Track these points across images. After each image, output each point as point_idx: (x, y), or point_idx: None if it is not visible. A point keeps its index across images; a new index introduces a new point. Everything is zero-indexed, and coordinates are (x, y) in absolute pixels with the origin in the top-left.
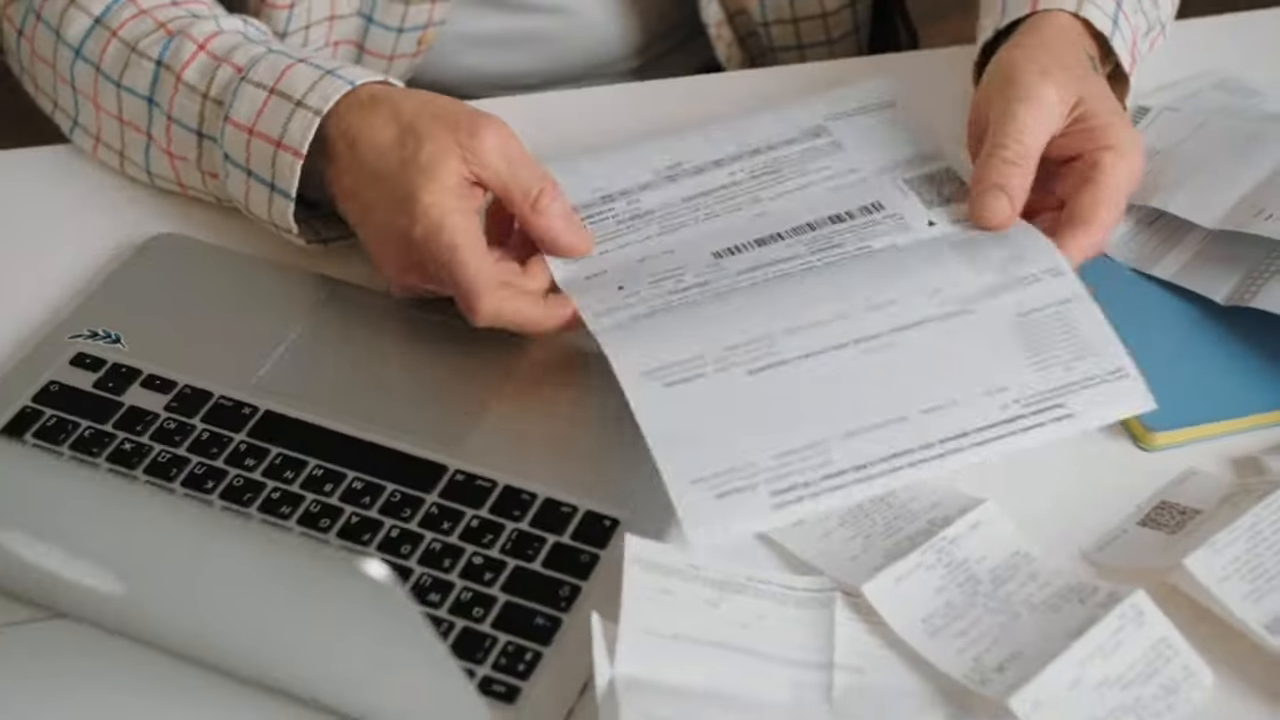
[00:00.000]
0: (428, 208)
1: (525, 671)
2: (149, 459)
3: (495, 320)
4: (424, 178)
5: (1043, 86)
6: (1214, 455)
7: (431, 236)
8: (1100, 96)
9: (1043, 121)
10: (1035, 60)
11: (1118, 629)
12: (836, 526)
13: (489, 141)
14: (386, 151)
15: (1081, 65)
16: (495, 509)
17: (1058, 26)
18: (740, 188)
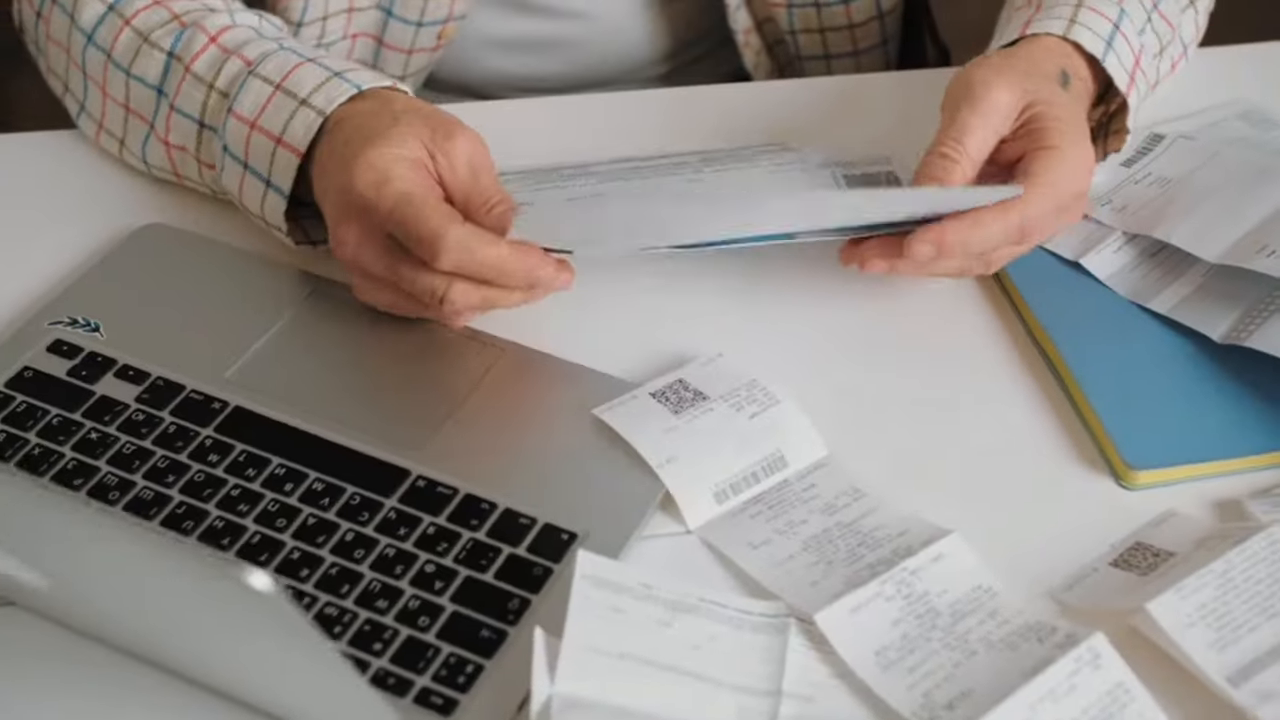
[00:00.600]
0: (374, 164)
1: (465, 684)
2: (114, 450)
3: (463, 255)
4: (382, 141)
5: (990, 89)
6: (1197, 497)
7: (379, 188)
8: (1054, 103)
9: (988, 122)
10: (992, 68)
11: (1073, 671)
12: (799, 551)
13: (460, 147)
14: (361, 125)
15: (1044, 75)
16: (453, 517)
17: (1040, 46)
18: (686, 165)
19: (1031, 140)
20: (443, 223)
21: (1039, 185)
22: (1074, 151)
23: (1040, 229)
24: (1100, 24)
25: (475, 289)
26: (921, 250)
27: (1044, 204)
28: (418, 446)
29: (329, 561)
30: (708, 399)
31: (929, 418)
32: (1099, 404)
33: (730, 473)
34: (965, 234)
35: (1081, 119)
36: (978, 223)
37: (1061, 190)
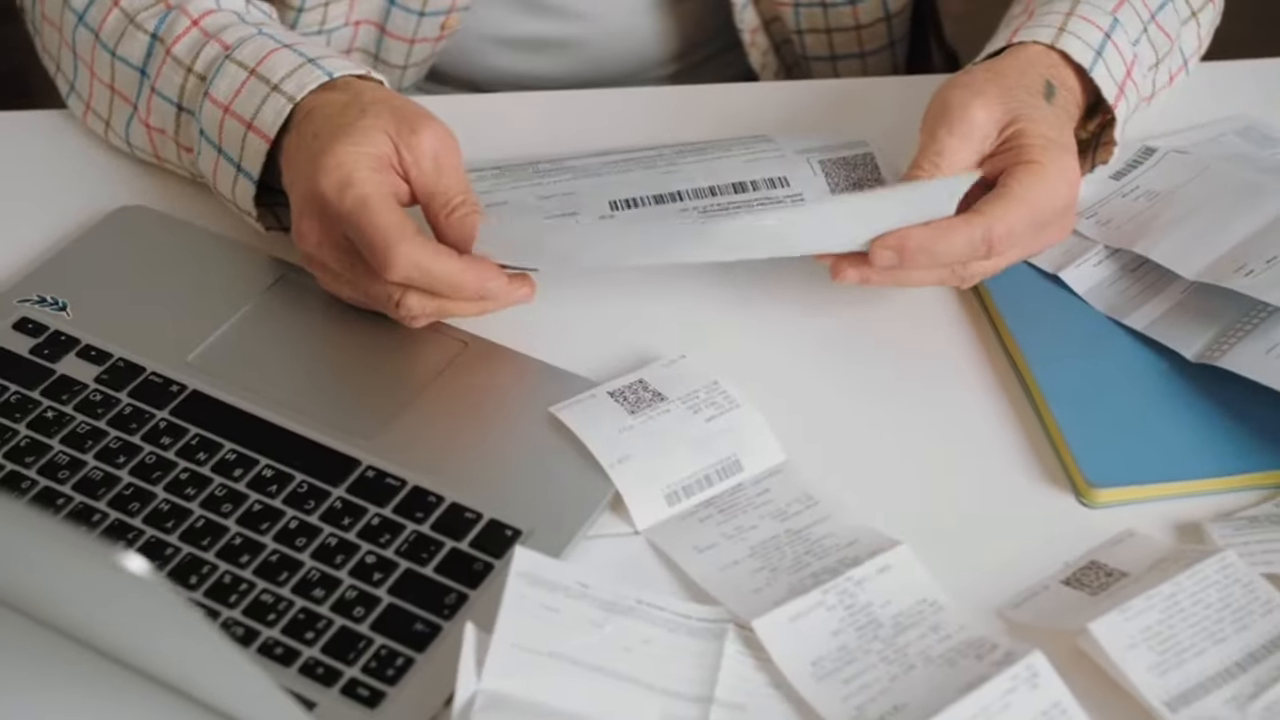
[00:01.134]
0: (340, 162)
1: (394, 677)
2: (68, 429)
3: (413, 271)
4: (347, 139)
5: (970, 108)
6: (1158, 518)
7: (340, 190)
8: (1038, 120)
9: (967, 143)
10: (973, 84)
11: (1009, 689)
12: (745, 557)
13: (426, 141)
14: (330, 118)
15: (1028, 89)
16: (399, 508)
17: (1025, 56)
18: (662, 158)
19: (1013, 156)
20: (394, 237)
21: (1010, 199)
22: (1055, 168)
23: (1012, 244)
24: (1091, 33)
25: (429, 299)
26: (882, 256)
27: (1014, 218)
28: (371, 436)
29: (270, 548)
30: (666, 400)
31: (892, 427)
32: (1063, 419)
33: (683, 475)
34: (929, 242)
35: (1066, 133)
36: (941, 232)
37: (1039, 206)
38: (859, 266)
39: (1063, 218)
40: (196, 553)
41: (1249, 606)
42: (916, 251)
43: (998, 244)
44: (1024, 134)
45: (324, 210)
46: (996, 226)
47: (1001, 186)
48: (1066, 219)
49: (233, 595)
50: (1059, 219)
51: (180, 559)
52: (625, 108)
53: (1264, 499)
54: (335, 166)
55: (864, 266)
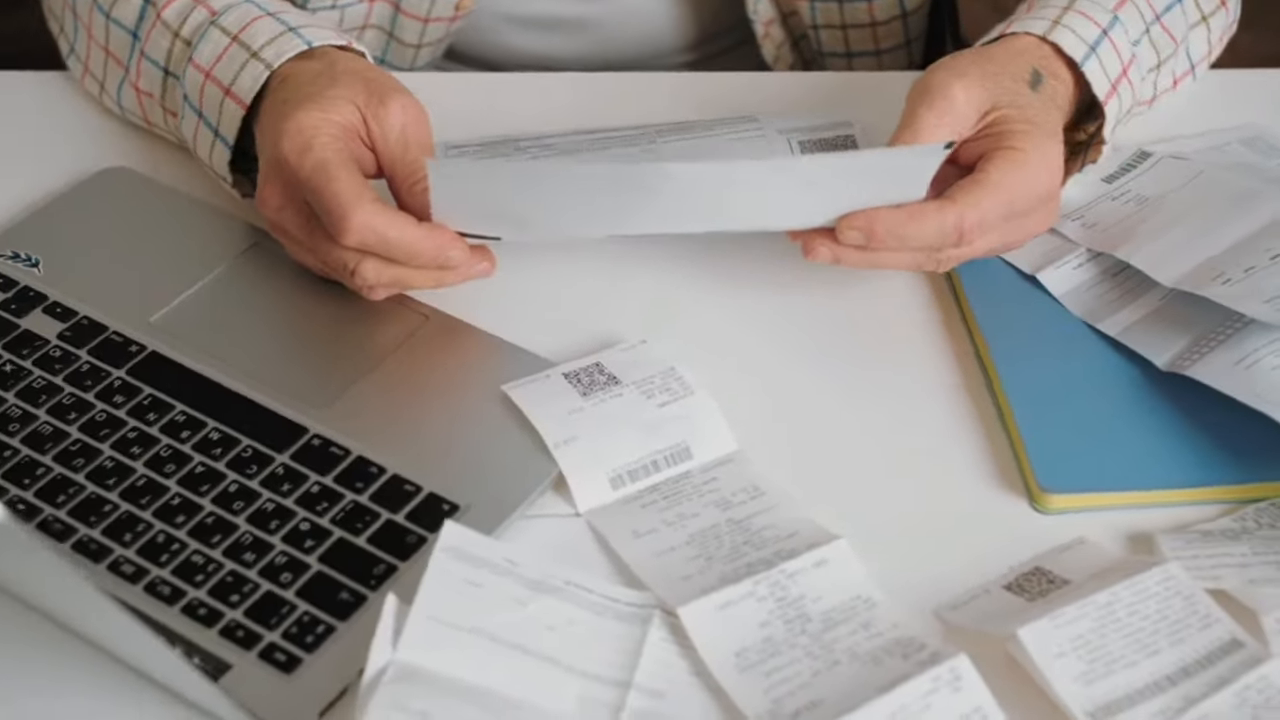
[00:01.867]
0: (302, 128)
1: (313, 644)
2: (24, 383)
3: (368, 236)
4: (313, 105)
5: (951, 88)
6: (1111, 527)
7: (300, 155)
8: (1022, 106)
9: (944, 121)
10: (957, 67)
11: (929, 691)
12: (682, 544)
13: (394, 114)
14: (301, 86)
15: (1014, 76)
16: (340, 478)
17: (1015, 45)
18: (644, 134)
19: (992, 141)
20: (350, 200)
21: (986, 186)
22: (1036, 155)
23: (986, 231)
24: (1087, 29)
25: (386, 266)
26: (849, 235)
27: (987, 205)
28: (322, 405)
29: (207, 510)
30: (620, 384)
31: (850, 421)
32: (1024, 422)
33: (629, 459)
34: (898, 225)
35: (1051, 121)
36: (912, 216)
37: (1016, 194)
38: (831, 244)
39: (1043, 206)
40: (134, 510)
41: (1187, 620)
42: (885, 234)
43: (969, 232)
44: (1005, 119)
45: (285, 175)
46: (969, 214)
47: (979, 172)
48: (1048, 208)
49: (164, 554)
50: (1039, 207)
51: (117, 515)
52: (640, 91)
53: (1223, 513)
54: (297, 132)
55: (836, 244)
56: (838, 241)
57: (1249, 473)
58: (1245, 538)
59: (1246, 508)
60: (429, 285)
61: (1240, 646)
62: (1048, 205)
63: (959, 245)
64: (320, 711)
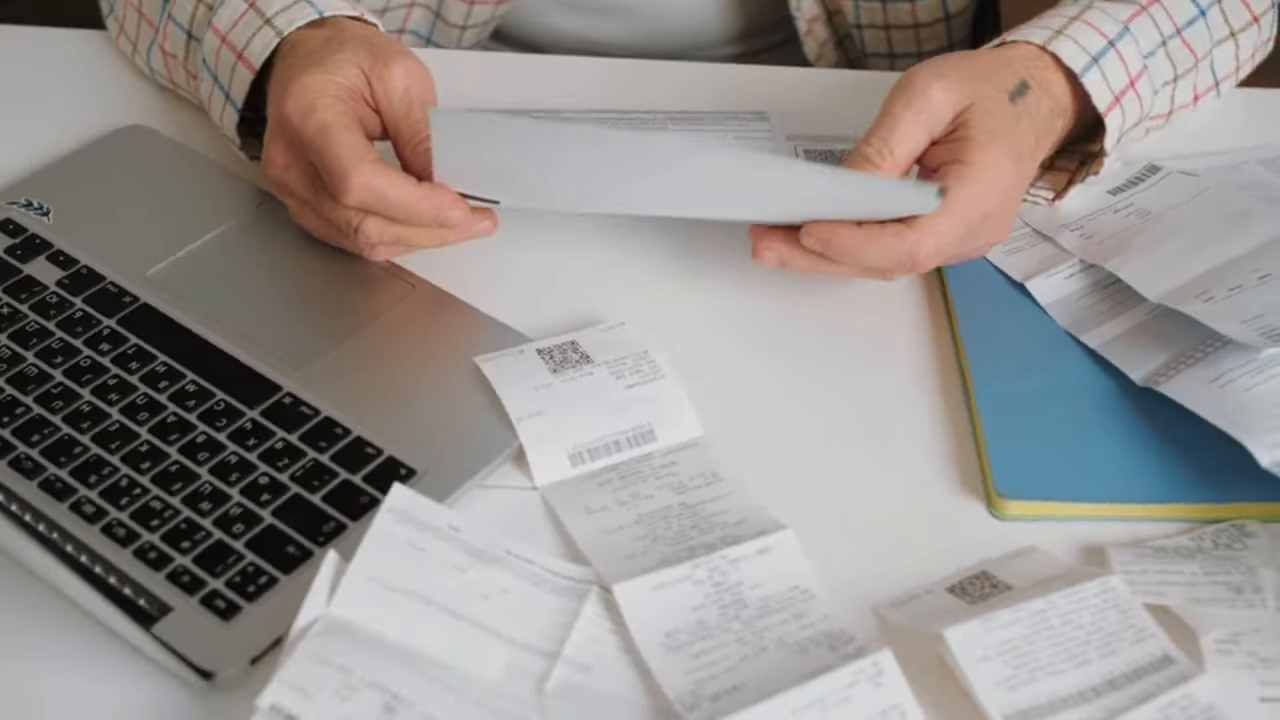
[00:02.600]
0: (306, 89)
1: (254, 594)
2: (18, 325)
3: (368, 195)
4: (318, 68)
5: (930, 87)
6: (1065, 538)
7: (304, 115)
8: (989, 113)
9: (920, 121)
10: (940, 67)
11: (849, 684)
12: (631, 524)
13: (397, 75)
14: (309, 51)
15: (995, 84)
16: (305, 436)
17: (1009, 54)
18: (655, 120)
19: (952, 151)
20: (352, 161)
21: (943, 211)
22: (991, 169)
23: (939, 256)
24: (1091, 39)
25: (388, 225)
26: (809, 243)
27: (942, 231)
28: (299, 366)
29: (172, 459)
30: (591, 363)
31: (820, 416)
32: (990, 427)
33: (591, 437)
34: (853, 245)
35: (1017, 137)
36: (870, 239)
37: (967, 214)
38: (778, 248)
39: (995, 220)
40: (103, 454)
41: (1120, 633)
42: (840, 250)
43: (925, 260)
44: (969, 124)
45: (289, 135)
46: (925, 243)
47: None
48: (1000, 221)
49: (125, 498)
50: (992, 221)
51: (86, 458)
52: (681, 80)
53: (1181, 531)
54: (300, 93)
55: (785, 248)
56: (789, 244)
57: (1210, 493)
58: (1199, 557)
59: (1206, 528)
60: (431, 243)
61: (1170, 663)
62: (999, 219)
63: (913, 270)
64: (251, 659)
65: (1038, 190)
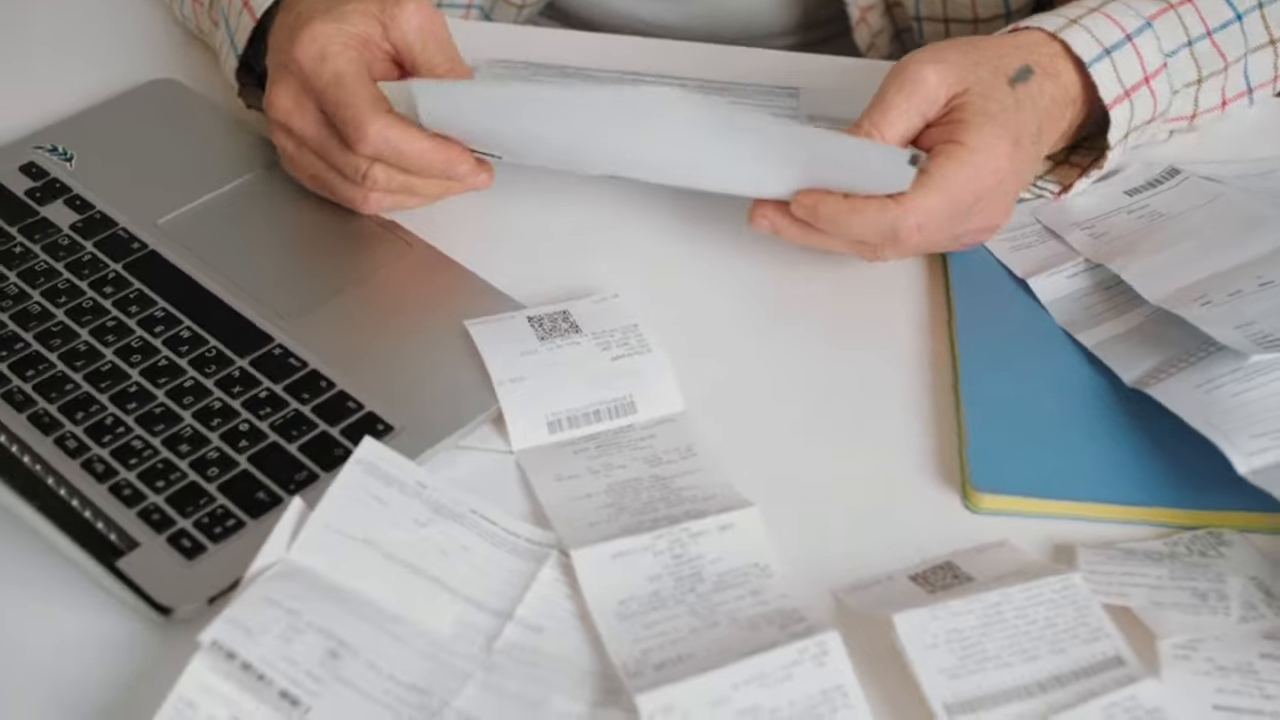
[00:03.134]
0: (316, 35)
1: (220, 535)
2: (28, 265)
3: (383, 146)
4: (328, 16)
5: (924, 69)
6: (1036, 534)
7: (317, 63)
8: (985, 96)
9: (911, 103)
10: (939, 50)
11: (793, 662)
12: (600, 492)
13: (409, 13)
14: (317, 2)
15: (994, 68)
16: (290, 387)
17: (1016, 40)
18: (683, 86)
19: (945, 132)
20: (368, 111)
21: (928, 188)
22: (984, 152)
23: (926, 233)
24: (1108, 31)
25: (397, 174)
26: (797, 208)
27: (928, 207)
28: (293, 319)
29: (158, 400)
30: (580, 333)
31: (807, 397)
32: (972, 420)
33: (571, 406)
34: (839, 214)
35: (1014, 120)
36: (855, 209)
37: (957, 194)
38: (771, 215)
39: (989, 204)
40: (92, 392)
41: (1074, 631)
42: (826, 219)
43: (906, 234)
44: (964, 106)
45: (300, 79)
46: (908, 217)
47: (924, 172)
48: (994, 205)
49: (108, 435)
50: (986, 205)
51: (75, 395)
52: (732, 63)
53: (1157, 535)
54: (311, 40)
55: (777, 216)
56: (783, 213)
57: (1188, 499)
58: (1168, 561)
59: (1182, 534)
60: (434, 194)
61: (1121, 664)
62: (994, 202)
63: (896, 245)
64: (209, 598)
65: (1045, 184)
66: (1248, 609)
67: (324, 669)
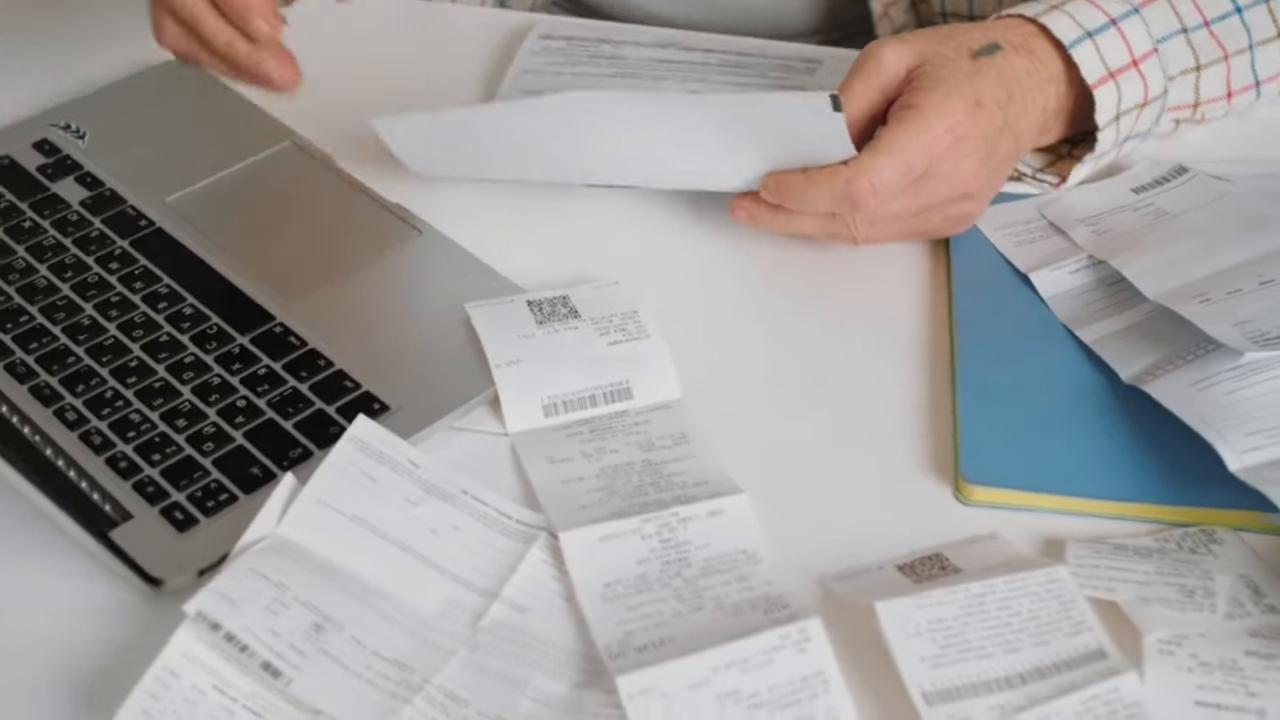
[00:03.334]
0: None
1: (213, 509)
2: (36, 239)
3: None
4: None
5: (880, 48)
6: (1027, 527)
7: None
8: (940, 64)
9: (870, 82)
10: (902, 36)
11: (774, 647)
12: (592, 476)
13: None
14: None
15: (957, 46)
16: (289, 365)
17: (989, 24)
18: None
19: (902, 101)
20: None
21: (877, 152)
22: (933, 113)
23: (887, 199)
24: (1090, 16)
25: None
26: (764, 194)
27: (879, 171)
28: (296, 299)
29: (158, 375)
30: (579, 318)
31: (804, 386)
32: (966, 412)
33: (567, 390)
34: (797, 187)
35: (969, 84)
36: (811, 179)
37: (910, 155)
38: (747, 204)
39: (951, 164)
40: (93, 365)
41: (1057, 624)
42: (787, 195)
43: (862, 198)
44: (919, 76)
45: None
46: (859, 179)
47: (874, 137)
48: (958, 166)
49: (107, 409)
50: (948, 166)
51: (76, 367)
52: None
53: (1149, 532)
54: None
55: (752, 204)
56: (763, 201)
57: (1180, 496)
58: (1156, 557)
59: (1174, 530)
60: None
61: (1103, 657)
62: (958, 165)
63: (856, 211)
64: (199, 571)
65: (1045, 175)
66: (1235, 606)
67: (307, 642)
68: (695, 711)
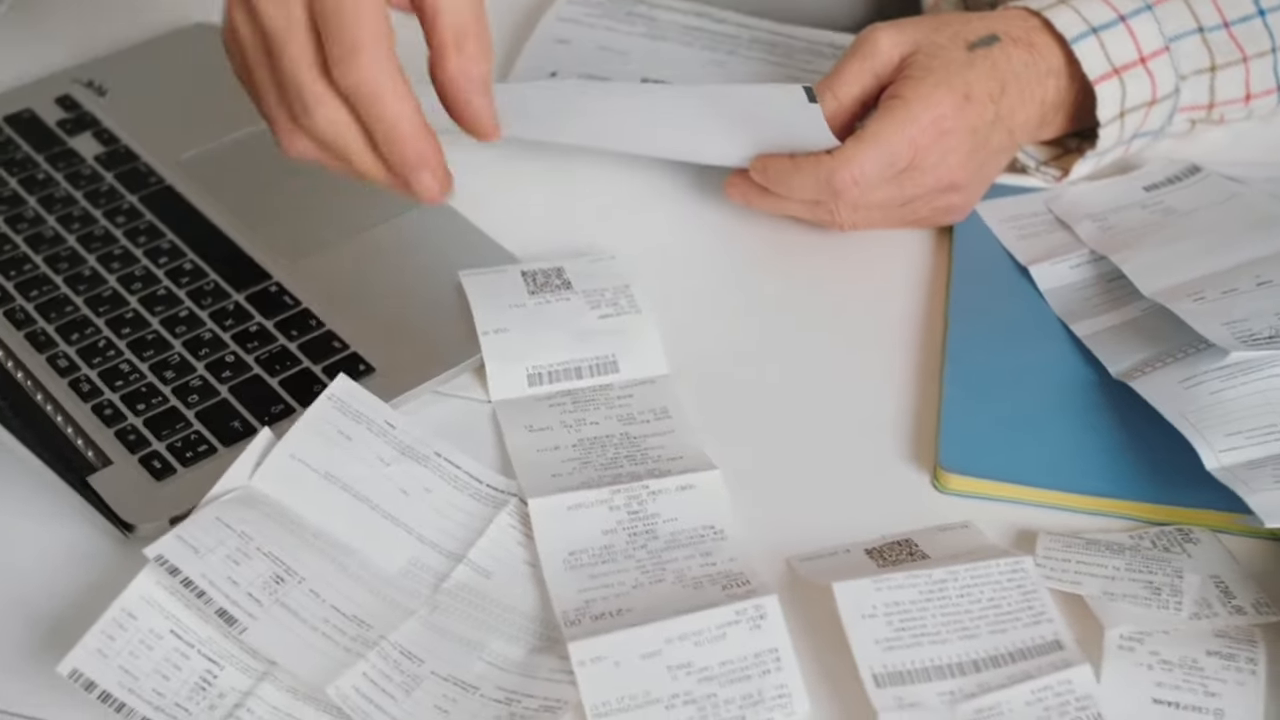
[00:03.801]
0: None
1: (191, 459)
2: (48, 191)
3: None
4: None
5: (875, 33)
6: (1003, 519)
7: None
8: (932, 54)
9: (863, 66)
10: (899, 23)
11: (729, 622)
12: (568, 445)
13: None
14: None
15: (953, 35)
16: (281, 324)
17: (991, 15)
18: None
19: (890, 90)
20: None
21: (860, 142)
22: (918, 104)
23: (869, 188)
24: (1099, 12)
25: (348, 127)
26: (754, 175)
27: (861, 160)
28: (294, 260)
29: (152, 328)
30: (571, 290)
31: (792, 369)
32: (951, 400)
33: (553, 360)
34: (783, 171)
35: (972, 74)
36: (795, 165)
37: (893, 146)
38: (739, 184)
39: (939, 157)
40: (90, 315)
41: (1017, 614)
42: (773, 178)
43: (843, 187)
44: (911, 64)
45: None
46: (841, 170)
47: (860, 126)
48: (946, 159)
49: (98, 358)
50: (934, 158)
51: (73, 316)
52: None
53: (1126, 529)
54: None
55: (744, 184)
56: (754, 181)
57: (1158, 494)
58: (1129, 554)
59: (1150, 529)
60: (366, 174)
61: (1059, 649)
62: (946, 158)
63: (838, 200)
64: (172, 519)
65: (1048, 169)
66: (1202, 606)
67: (265, 593)
68: (645, 681)
